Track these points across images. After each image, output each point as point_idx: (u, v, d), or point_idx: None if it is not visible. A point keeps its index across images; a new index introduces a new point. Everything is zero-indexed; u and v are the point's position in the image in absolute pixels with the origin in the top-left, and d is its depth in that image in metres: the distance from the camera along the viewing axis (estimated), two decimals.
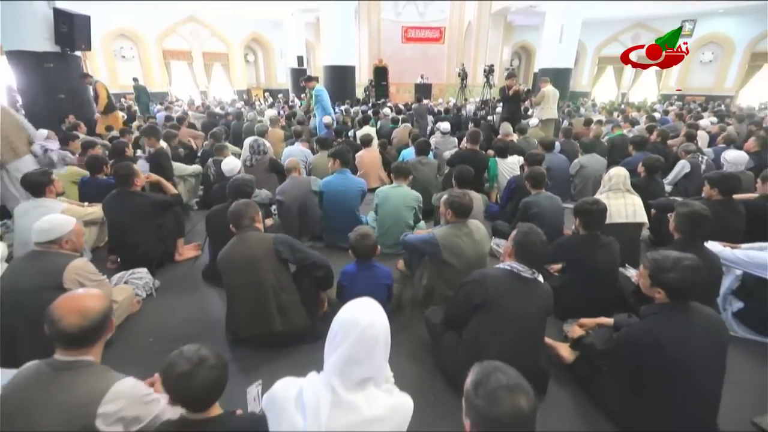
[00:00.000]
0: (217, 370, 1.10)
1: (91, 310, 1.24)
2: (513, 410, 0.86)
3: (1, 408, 1.14)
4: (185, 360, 1.08)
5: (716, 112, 10.41)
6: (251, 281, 2.03)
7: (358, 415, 1.00)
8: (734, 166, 3.73)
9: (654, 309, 1.56)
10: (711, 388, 1.51)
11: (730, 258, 2.23)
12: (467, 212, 2.28)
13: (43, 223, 2.04)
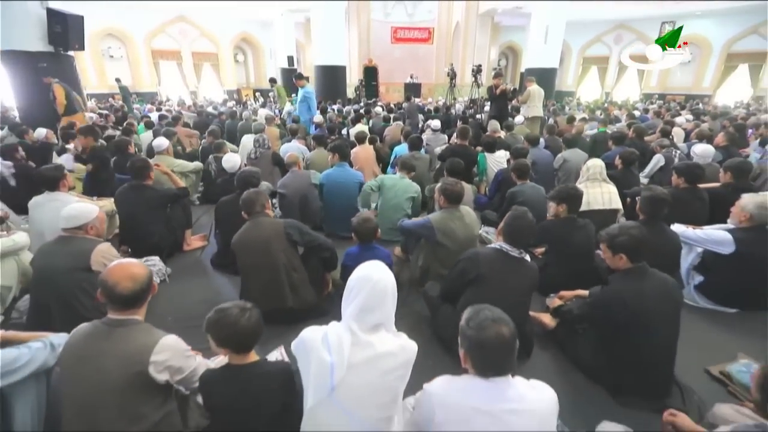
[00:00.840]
0: (256, 316, 1.32)
1: (139, 275, 1.44)
2: (497, 336, 1.09)
3: (69, 355, 1.35)
4: (232, 310, 1.30)
5: (693, 110, 10.87)
6: (265, 261, 2.24)
7: (373, 350, 1.23)
8: (702, 159, 4.05)
9: (618, 275, 1.83)
10: (667, 340, 1.78)
11: (691, 237, 2.51)
12: (459, 198, 2.52)
13: (71, 210, 2.22)
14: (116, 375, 1.31)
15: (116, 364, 1.32)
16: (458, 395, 1.14)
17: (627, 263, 1.79)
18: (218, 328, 1.32)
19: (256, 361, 1.41)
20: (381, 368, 1.22)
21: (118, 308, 1.42)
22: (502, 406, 1.08)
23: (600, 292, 1.84)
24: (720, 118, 8.42)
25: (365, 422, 1.21)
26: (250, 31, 20.27)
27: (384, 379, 1.23)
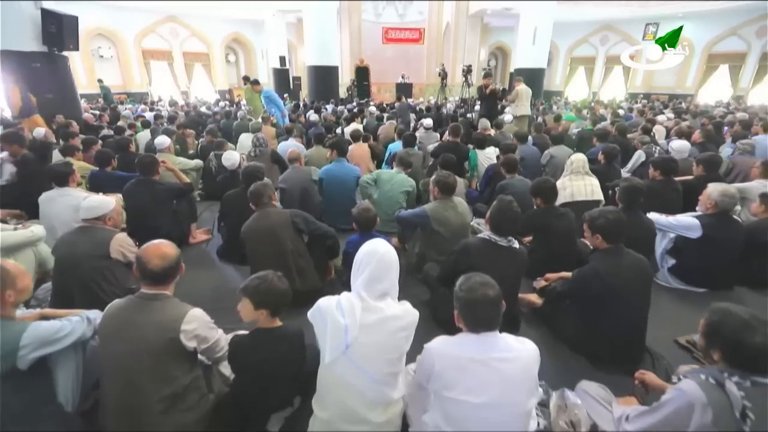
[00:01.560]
0: (287, 283, 1.58)
1: (169, 254, 1.61)
2: (484, 296, 1.29)
3: (108, 325, 1.52)
4: (269, 275, 1.59)
5: (675, 109, 11.26)
6: (273, 248, 2.41)
7: (382, 313, 1.42)
8: (679, 154, 4.31)
9: (597, 253, 2.04)
10: (639, 311, 2.00)
11: (664, 223, 2.75)
12: (452, 189, 2.72)
13: (90, 202, 2.37)
14: (152, 341, 1.48)
15: (152, 332, 1.48)
16: (454, 348, 1.33)
17: (603, 243, 2.00)
18: (260, 291, 1.55)
19: (280, 326, 1.62)
20: (388, 329, 1.41)
21: (150, 283, 1.58)
22: (492, 355, 1.28)
23: (581, 270, 2.05)
24: (700, 117, 8.78)
25: (375, 376, 1.40)
26: (241, 32, 20.28)
27: (391, 339, 1.42)
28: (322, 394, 1.49)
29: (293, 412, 1.74)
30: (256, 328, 1.59)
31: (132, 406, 1.48)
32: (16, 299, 1.48)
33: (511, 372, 1.27)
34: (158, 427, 1.49)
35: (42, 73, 7.42)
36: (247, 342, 1.59)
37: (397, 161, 3.79)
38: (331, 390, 1.44)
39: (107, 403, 1.55)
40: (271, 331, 1.60)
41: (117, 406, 1.51)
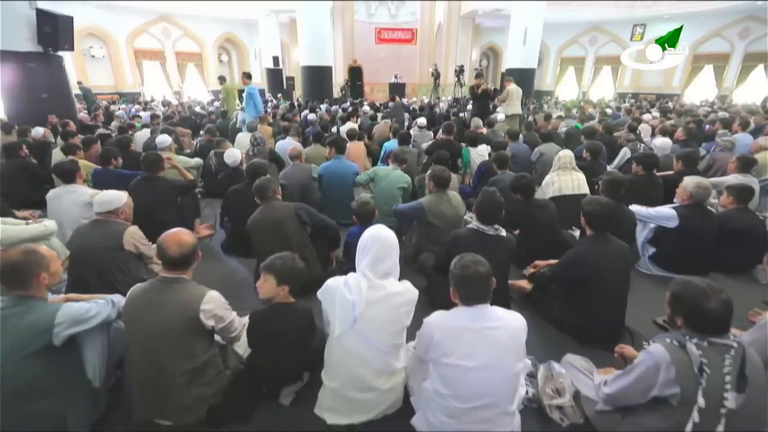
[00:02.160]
0: (303, 265, 1.80)
1: (186, 242, 1.74)
2: (476, 272, 1.45)
3: (132, 306, 1.65)
4: (287, 255, 1.78)
5: (661, 108, 11.57)
6: (279, 239, 2.55)
7: (385, 291, 1.58)
8: (661, 151, 4.53)
9: (584, 239, 2.23)
10: (619, 293, 2.18)
11: (644, 214, 2.94)
12: (446, 183, 2.88)
13: (104, 196, 2.49)
14: (174, 320, 1.61)
15: (174, 312, 1.62)
16: (450, 320, 1.49)
17: (589, 228, 2.18)
18: (284, 269, 1.75)
19: (294, 302, 1.80)
20: (391, 304, 1.57)
21: (169, 268, 1.72)
22: (484, 324, 1.44)
23: (567, 254, 2.23)
24: (684, 116, 9.07)
25: (380, 346, 1.56)
26: (234, 32, 20.30)
27: (394, 313, 1.58)
28: (331, 366, 1.64)
29: (303, 386, 1.89)
30: (275, 303, 1.76)
31: (157, 380, 1.62)
32: (49, 282, 1.61)
33: (501, 339, 1.43)
34: (181, 399, 1.63)
35: (37, 73, 7.45)
36: (267, 314, 1.77)
37: (392, 158, 3.94)
38: (340, 361, 1.60)
39: (133, 378, 1.68)
40: (288, 305, 1.78)
41: (143, 380, 1.64)
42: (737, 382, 1.24)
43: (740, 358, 1.27)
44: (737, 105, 12.82)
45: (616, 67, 19.43)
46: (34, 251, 1.57)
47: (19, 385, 1.47)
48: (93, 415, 1.68)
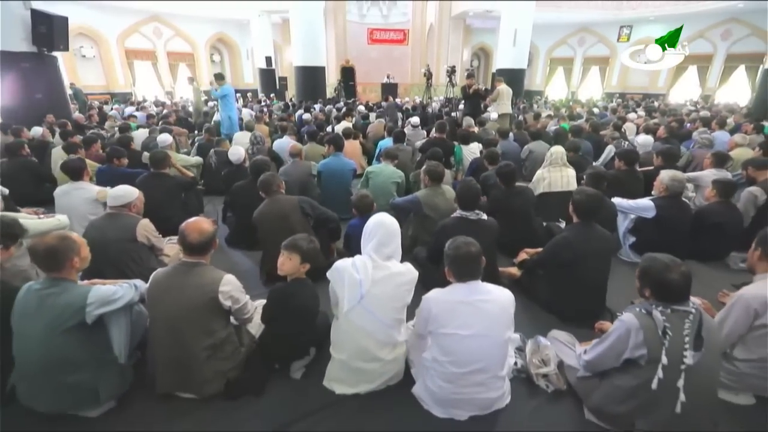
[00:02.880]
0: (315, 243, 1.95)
1: (206, 230, 1.89)
2: (467, 252, 1.64)
3: (156, 288, 1.80)
4: (310, 238, 1.95)
5: (647, 108, 11.92)
6: (284, 230, 2.68)
7: (389, 270, 1.75)
8: (643, 148, 4.78)
9: (570, 226, 2.43)
10: (600, 274, 2.38)
11: (624, 205, 3.15)
12: (440, 178, 3.07)
13: (117, 191, 2.63)
14: (196, 299, 1.77)
15: (195, 293, 1.78)
16: (447, 295, 1.67)
17: (575, 216, 2.38)
18: (309, 249, 1.96)
19: (304, 279, 1.99)
20: (395, 282, 1.75)
21: (189, 253, 1.87)
22: (476, 298, 1.62)
23: (553, 239, 2.43)
24: (668, 115, 9.38)
25: (385, 320, 1.74)
26: (225, 32, 20.27)
27: (397, 291, 1.75)
28: (339, 339, 1.81)
29: (311, 362, 2.05)
30: (295, 278, 1.96)
31: (180, 356, 1.78)
32: (79, 266, 1.75)
33: (491, 310, 1.61)
34: (201, 373, 1.79)
35: (31, 73, 7.48)
36: (288, 288, 1.97)
37: (383, 155, 4.12)
38: (348, 334, 1.77)
39: (156, 355, 1.83)
40: (305, 280, 1.99)
41: (167, 356, 1.80)
42: (695, 342, 1.44)
43: (698, 321, 1.47)
44: (719, 105, 13.24)
45: (604, 67, 19.85)
46: (67, 237, 1.71)
47: (57, 358, 1.61)
48: (120, 389, 1.82)
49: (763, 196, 3.11)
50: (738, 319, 1.75)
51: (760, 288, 1.77)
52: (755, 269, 1.90)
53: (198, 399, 1.84)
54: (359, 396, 1.85)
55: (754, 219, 3.15)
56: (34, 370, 1.63)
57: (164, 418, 1.78)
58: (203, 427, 1.74)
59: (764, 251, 1.84)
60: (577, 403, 1.83)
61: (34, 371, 1.63)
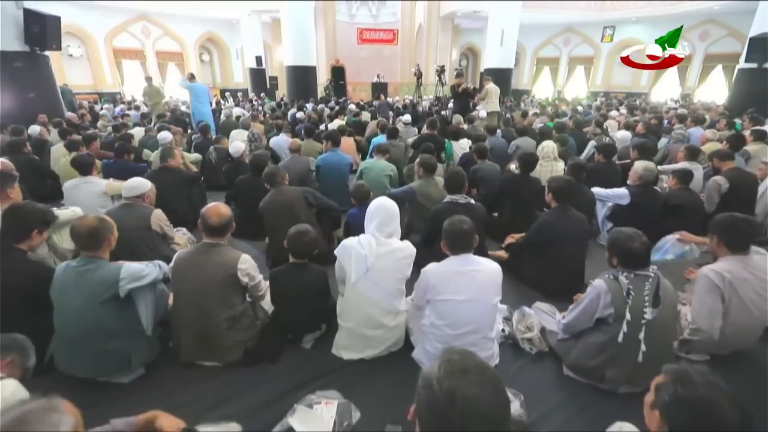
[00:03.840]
0: (313, 234, 2.10)
1: (223, 214, 2.08)
2: (461, 228, 1.87)
3: (180, 266, 1.99)
4: (299, 229, 2.10)
5: (629, 106, 12.35)
6: (289, 219, 2.88)
7: (390, 246, 1.97)
8: (621, 143, 5.08)
9: (550, 210, 2.70)
10: (579, 252, 2.65)
11: (602, 193, 3.43)
12: (434, 169, 3.31)
13: (132, 182, 2.81)
14: (217, 275, 1.97)
15: (216, 269, 1.97)
16: (443, 266, 1.90)
17: (554, 201, 2.64)
18: (291, 240, 2.13)
19: (309, 263, 2.19)
20: (395, 257, 1.97)
21: (210, 235, 2.06)
22: (469, 268, 1.85)
23: (536, 222, 2.69)
24: (648, 113, 9.79)
25: (388, 290, 1.97)
26: (215, 31, 20.23)
27: (397, 264, 1.98)
28: (347, 309, 2.03)
29: (321, 334, 2.26)
30: (292, 262, 2.16)
31: (203, 327, 1.97)
32: (111, 246, 1.94)
33: (481, 278, 1.84)
34: (222, 342, 1.99)
35: (24, 73, 7.51)
36: (284, 270, 2.18)
37: (375, 150, 4.36)
38: (355, 303, 1.99)
39: (181, 327, 2.02)
40: (301, 264, 2.20)
41: (192, 327, 1.99)
42: (653, 300, 1.69)
43: (656, 283, 1.72)
44: (697, 103, 13.76)
45: (589, 66, 20.34)
46: (105, 219, 1.90)
47: (95, 327, 1.80)
48: (149, 358, 2.01)
49: (726, 184, 3.40)
50: (703, 295, 1.95)
51: (717, 264, 2.00)
52: (716, 255, 2.06)
53: (219, 366, 2.04)
54: (365, 361, 2.07)
55: (719, 205, 3.44)
56: (74, 338, 1.81)
57: (189, 382, 1.97)
58: (225, 389, 1.94)
59: (720, 238, 2.02)
60: (557, 362, 2.07)
61: (74, 339, 1.81)
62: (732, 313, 1.92)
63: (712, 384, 0.92)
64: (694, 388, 0.92)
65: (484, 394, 0.76)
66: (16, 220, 1.98)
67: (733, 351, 2.07)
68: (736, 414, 0.88)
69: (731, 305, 1.91)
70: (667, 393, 0.95)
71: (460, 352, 0.86)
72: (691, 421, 0.90)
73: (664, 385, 0.97)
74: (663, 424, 0.95)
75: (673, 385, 0.95)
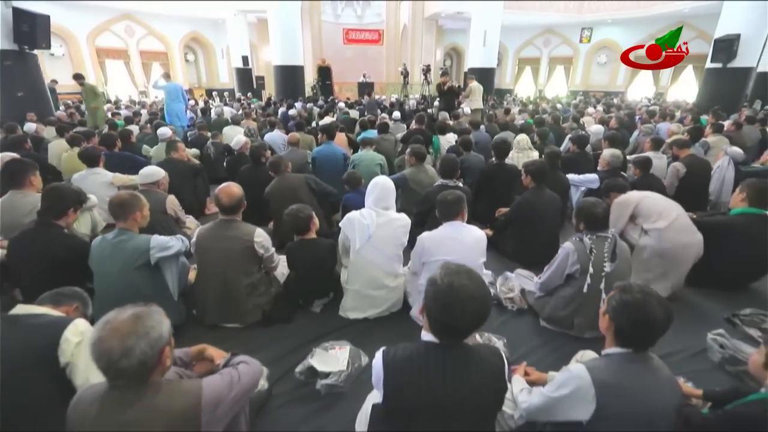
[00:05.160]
0: (307, 210, 2.40)
1: (236, 193, 2.33)
2: (448, 199, 2.18)
3: (203, 239, 2.24)
4: (300, 208, 2.35)
5: (606, 104, 12.95)
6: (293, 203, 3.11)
7: (388, 217, 2.28)
8: (595, 136, 5.50)
9: (528, 190, 3.03)
10: (553, 227, 3.01)
11: (576, 180, 3.79)
12: (424, 157, 3.62)
13: (147, 170, 3.05)
14: (236, 247, 2.23)
15: (235, 242, 2.24)
16: (435, 233, 2.20)
17: (531, 182, 2.98)
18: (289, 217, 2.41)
19: (316, 238, 2.49)
20: (393, 226, 2.28)
21: (225, 213, 2.32)
22: (458, 233, 2.16)
23: (516, 200, 3.03)
24: (623, 110, 10.34)
25: (388, 254, 2.28)
26: (200, 31, 20.17)
27: (395, 232, 2.29)
28: (353, 274, 2.32)
29: (328, 301, 2.54)
30: (300, 239, 2.45)
31: (227, 292, 2.23)
32: (140, 222, 2.18)
33: (468, 242, 2.16)
34: (244, 306, 2.26)
35: (13, 72, 7.54)
36: (297, 245, 2.46)
37: (362, 143, 4.66)
38: (359, 267, 2.28)
39: (206, 293, 2.28)
40: (309, 240, 2.49)
41: (215, 293, 2.25)
42: (611, 256, 2.03)
43: (613, 243, 2.06)
44: (668, 101, 14.48)
45: (568, 66, 21.04)
46: (136, 195, 2.14)
47: (131, 290, 2.04)
48: (177, 321, 2.25)
49: (683, 170, 3.80)
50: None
51: None
52: None
53: (240, 327, 2.30)
54: (368, 320, 2.36)
55: (677, 188, 3.84)
56: (113, 300, 2.02)
57: (215, 340, 2.19)
58: (247, 345, 2.19)
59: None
60: (534, 316, 2.41)
61: (113, 301, 2.02)
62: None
63: (645, 291, 1.25)
64: (632, 294, 1.25)
65: (472, 285, 1.07)
66: (55, 199, 2.20)
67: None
68: (662, 311, 1.20)
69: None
70: (614, 300, 1.28)
71: (454, 262, 1.16)
72: (630, 318, 1.22)
73: (613, 296, 1.30)
74: (611, 325, 1.27)
75: (618, 294, 1.28)
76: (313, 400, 1.81)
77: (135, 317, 1.06)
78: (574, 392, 1.23)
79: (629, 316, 1.23)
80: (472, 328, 1.13)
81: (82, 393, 1.10)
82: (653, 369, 1.24)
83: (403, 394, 1.13)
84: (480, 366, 1.14)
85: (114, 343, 1.01)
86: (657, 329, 1.20)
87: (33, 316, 1.45)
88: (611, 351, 1.29)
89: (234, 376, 1.23)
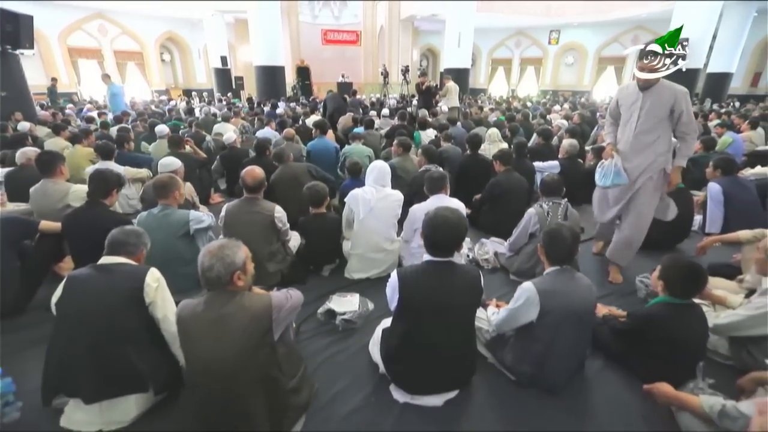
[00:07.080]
0: (325, 189, 2.82)
1: (258, 174, 2.75)
2: (433, 177, 2.70)
3: (231, 214, 2.66)
4: (318, 185, 2.78)
5: (572, 102, 13.86)
6: (296, 189, 3.57)
7: (385, 193, 2.77)
8: (559, 129, 6.13)
9: (499, 173, 3.57)
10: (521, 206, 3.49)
11: (540, 166, 4.38)
12: (409, 148, 4.12)
13: (165, 160, 3.42)
14: (260, 219, 2.66)
15: (259, 216, 2.67)
16: (423, 204, 2.70)
17: (501, 167, 3.52)
18: (311, 193, 2.81)
19: (325, 212, 2.94)
20: (390, 200, 2.77)
21: (249, 192, 2.74)
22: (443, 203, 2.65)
23: (490, 182, 3.56)
24: (588, 108, 11.19)
25: (386, 223, 2.77)
26: (176, 30, 20.03)
27: (392, 205, 2.78)
28: (356, 240, 2.79)
29: (335, 266, 3.00)
30: (313, 213, 2.90)
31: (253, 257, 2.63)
32: (178, 199, 2.58)
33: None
34: (267, 269, 2.69)
35: None
36: (310, 218, 2.92)
37: (351, 137, 5.13)
38: (363, 234, 2.76)
39: None
40: (320, 214, 2.96)
41: None
42: (564, 217, 2.58)
43: (565, 207, 2.62)
44: None
45: (538, 67, 22.08)
46: (174, 177, 2.55)
47: (175, 255, 2.45)
48: None
49: None
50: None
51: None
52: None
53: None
54: (370, 279, 2.84)
55: None
56: (160, 263, 2.41)
57: None
58: None
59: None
60: (505, 272, 2.95)
61: (158, 264, 2.42)
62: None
63: (559, 224, 1.83)
64: (551, 226, 1.81)
65: (451, 215, 1.61)
66: (101, 182, 2.56)
67: None
68: (569, 234, 1.77)
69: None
70: (543, 233, 1.82)
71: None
72: (549, 241, 1.80)
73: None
74: (542, 250, 1.83)
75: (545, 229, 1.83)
76: (333, 334, 2.28)
77: (220, 246, 1.50)
78: (526, 301, 1.76)
79: (549, 240, 1.79)
80: (454, 244, 1.64)
81: (186, 302, 1.54)
82: (575, 278, 1.82)
83: (413, 297, 1.62)
84: (463, 277, 1.66)
85: (205, 259, 1.45)
86: (566, 245, 1.78)
87: (118, 265, 1.85)
88: (548, 270, 1.86)
89: (287, 294, 1.69)
